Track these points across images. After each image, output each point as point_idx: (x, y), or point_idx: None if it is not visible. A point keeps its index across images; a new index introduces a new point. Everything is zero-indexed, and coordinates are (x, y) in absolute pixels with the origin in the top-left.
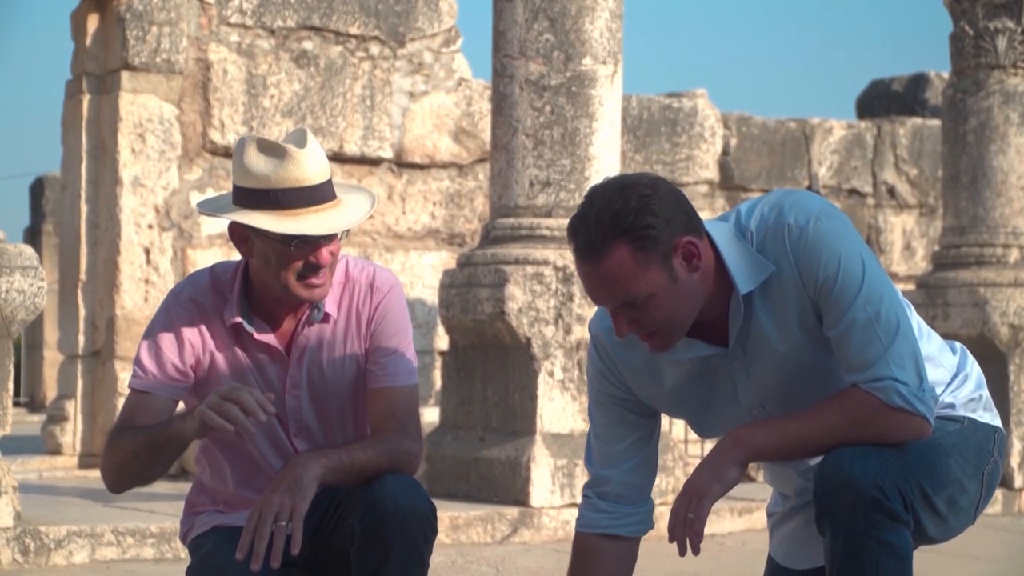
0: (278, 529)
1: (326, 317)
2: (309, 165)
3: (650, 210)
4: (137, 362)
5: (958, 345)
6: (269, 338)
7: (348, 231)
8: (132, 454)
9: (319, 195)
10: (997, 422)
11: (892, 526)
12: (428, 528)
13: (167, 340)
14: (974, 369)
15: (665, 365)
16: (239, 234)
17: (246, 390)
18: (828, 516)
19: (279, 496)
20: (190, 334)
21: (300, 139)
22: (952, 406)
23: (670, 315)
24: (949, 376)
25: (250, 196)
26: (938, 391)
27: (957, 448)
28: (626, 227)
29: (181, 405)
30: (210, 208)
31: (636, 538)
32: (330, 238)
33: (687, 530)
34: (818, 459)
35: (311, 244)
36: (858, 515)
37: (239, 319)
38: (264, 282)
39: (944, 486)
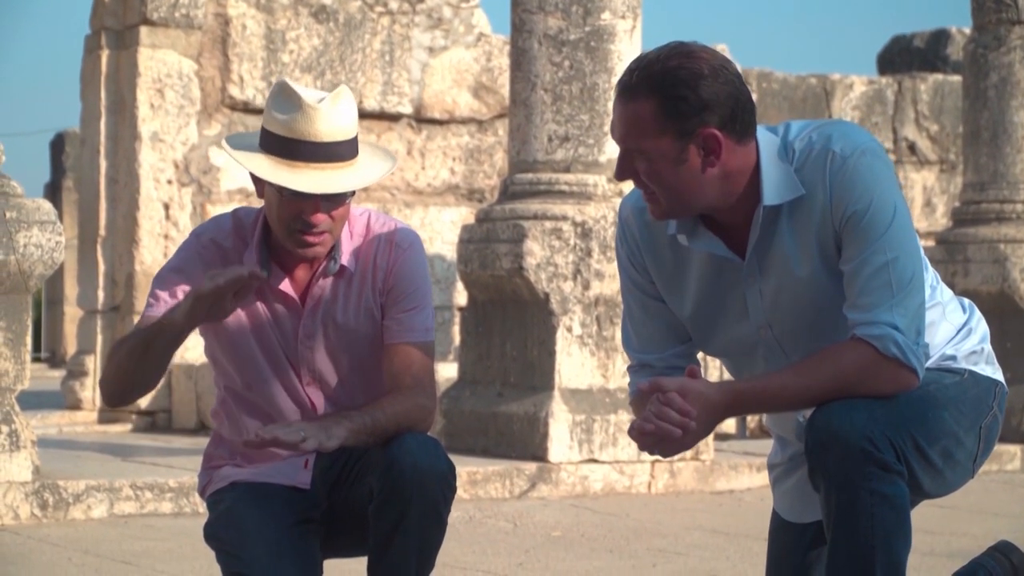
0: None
1: (342, 270)
2: (321, 121)
3: (694, 88)
4: (152, 293)
5: (967, 301)
6: (285, 286)
7: (353, 193)
8: (127, 355)
9: (324, 153)
10: (999, 376)
11: (885, 476)
12: (447, 487)
13: (184, 274)
14: (980, 324)
15: (683, 257)
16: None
17: (234, 269)
18: (820, 470)
19: (309, 428)
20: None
21: (324, 95)
22: (953, 358)
23: (668, 188)
24: (955, 331)
25: (267, 138)
26: (943, 344)
27: (953, 400)
28: (662, 88)
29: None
30: (235, 143)
31: None
32: (330, 200)
33: (668, 440)
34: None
35: (304, 199)
36: (849, 467)
37: (257, 265)
38: (274, 228)
39: (938, 438)
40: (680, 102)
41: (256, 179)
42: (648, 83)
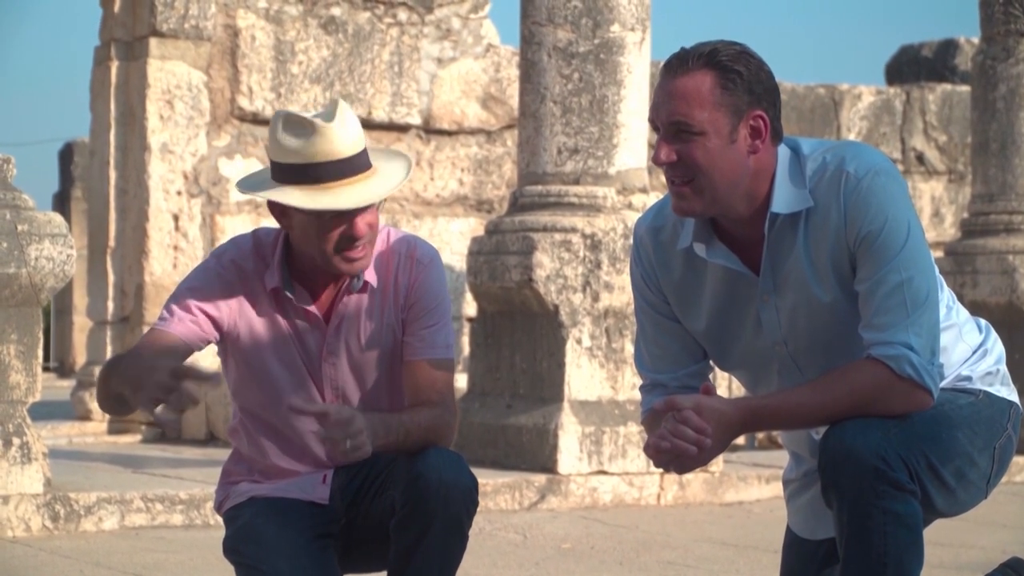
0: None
1: (365, 286)
2: (338, 138)
3: (747, 66)
4: (166, 307)
5: (983, 322)
6: (308, 305)
7: (384, 200)
8: (101, 382)
9: (350, 167)
10: (1014, 397)
11: (898, 495)
12: (470, 502)
13: (201, 294)
14: (996, 345)
15: (697, 274)
16: (279, 208)
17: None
18: (833, 488)
19: (364, 422)
20: (226, 294)
21: (329, 112)
22: (969, 379)
23: (710, 168)
24: (970, 352)
25: (285, 170)
26: (958, 365)
27: (967, 421)
28: (720, 63)
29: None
30: (248, 185)
31: None
32: (366, 210)
33: (684, 457)
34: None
35: (347, 216)
36: (862, 486)
37: (279, 285)
38: (306, 253)
39: (951, 458)
40: (738, 77)
41: (282, 214)
42: (705, 59)
